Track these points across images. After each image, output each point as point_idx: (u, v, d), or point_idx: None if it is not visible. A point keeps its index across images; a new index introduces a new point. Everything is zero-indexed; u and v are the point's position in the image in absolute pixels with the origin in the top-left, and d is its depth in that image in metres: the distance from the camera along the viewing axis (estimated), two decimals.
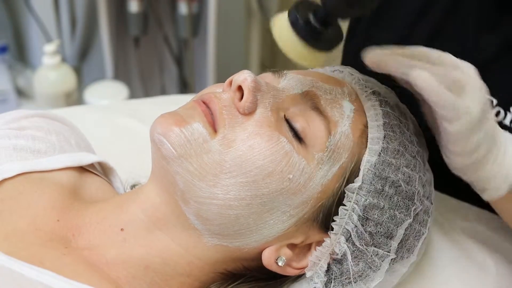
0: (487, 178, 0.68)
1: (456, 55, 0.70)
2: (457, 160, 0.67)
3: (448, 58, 0.66)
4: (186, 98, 1.21)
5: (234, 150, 0.64)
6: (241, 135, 0.65)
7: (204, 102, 0.67)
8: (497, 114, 0.81)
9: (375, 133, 0.69)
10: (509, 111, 0.80)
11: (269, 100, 0.67)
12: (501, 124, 0.80)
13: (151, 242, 0.68)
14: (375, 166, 0.67)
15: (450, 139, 0.66)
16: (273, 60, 2.39)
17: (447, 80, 0.63)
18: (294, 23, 0.63)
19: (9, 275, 0.61)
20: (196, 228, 0.67)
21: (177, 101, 1.16)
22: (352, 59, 0.98)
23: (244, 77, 0.66)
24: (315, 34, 0.62)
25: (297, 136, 0.66)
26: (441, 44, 0.85)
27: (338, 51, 0.70)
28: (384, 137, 0.68)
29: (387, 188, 0.68)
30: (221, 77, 1.94)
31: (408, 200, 0.69)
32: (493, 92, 0.80)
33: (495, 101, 0.81)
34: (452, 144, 0.66)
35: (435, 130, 0.70)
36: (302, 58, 0.64)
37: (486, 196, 0.71)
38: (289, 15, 0.64)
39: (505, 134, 0.70)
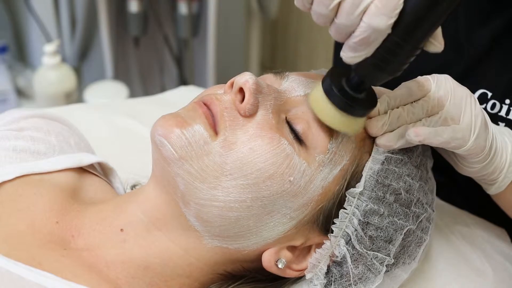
0: (497, 172, 0.71)
1: (449, 50, 0.71)
2: (474, 166, 0.70)
3: (428, 86, 0.69)
4: (185, 94, 1.22)
5: (235, 152, 0.64)
6: (242, 137, 0.65)
7: (205, 104, 0.67)
8: (493, 106, 0.81)
9: None
10: (504, 103, 0.81)
11: (270, 102, 0.67)
12: (498, 116, 0.81)
13: (151, 243, 0.68)
14: (377, 173, 0.67)
15: (467, 156, 0.69)
16: (273, 60, 2.39)
17: (440, 121, 0.67)
18: (328, 92, 0.64)
19: (8, 277, 0.61)
20: (196, 229, 0.67)
21: (176, 99, 1.16)
22: (343, 62, 0.98)
23: (245, 79, 0.65)
24: (350, 100, 0.63)
25: (298, 138, 0.66)
26: None
27: None
28: None
29: (388, 196, 0.68)
30: (221, 77, 1.94)
31: (406, 208, 0.69)
32: (487, 85, 0.80)
33: (490, 94, 0.81)
34: (470, 158, 0.69)
35: (444, 153, 0.74)
36: (340, 126, 0.65)
37: (494, 189, 0.73)
38: (323, 84, 0.64)
39: (494, 127, 0.73)
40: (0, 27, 1.97)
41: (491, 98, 0.81)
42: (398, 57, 0.59)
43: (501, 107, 0.81)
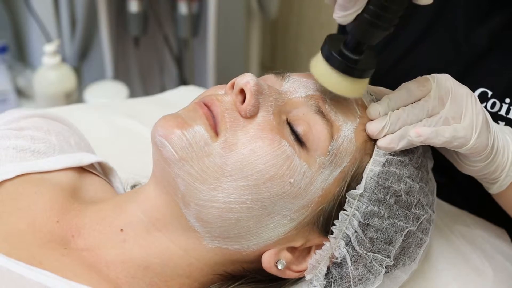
0: (499, 170, 0.71)
1: (449, 50, 0.71)
2: (477, 164, 0.70)
3: (428, 86, 0.69)
4: (185, 94, 1.22)
5: (236, 153, 0.64)
6: (242, 138, 0.64)
7: (206, 105, 0.67)
8: (493, 105, 0.81)
9: None
10: (505, 102, 0.81)
11: (271, 103, 0.67)
12: (498, 115, 0.81)
13: (151, 243, 0.68)
14: (378, 175, 0.67)
15: (469, 155, 0.69)
16: (273, 60, 2.39)
17: (440, 121, 0.68)
18: (328, 58, 0.65)
19: (8, 276, 0.61)
20: (196, 230, 0.67)
21: (176, 99, 1.16)
22: None
23: (246, 80, 0.65)
24: (350, 62, 0.65)
25: (299, 140, 0.66)
26: (432, 40, 0.85)
27: None
28: None
29: (388, 197, 0.67)
30: (221, 77, 1.94)
31: (406, 210, 0.69)
32: (487, 84, 0.81)
33: (490, 93, 0.81)
34: (472, 157, 0.70)
35: (446, 152, 0.74)
36: (345, 90, 0.66)
37: (496, 188, 0.73)
38: (322, 52, 0.66)
39: (496, 125, 0.73)
40: (0, 27, 1.97)
41: (491, 97, 0.81)
42: (389, 11, 0.61)
43: (501, 106, 0.81)
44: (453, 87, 0.69)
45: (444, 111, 0.68)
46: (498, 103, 0.81)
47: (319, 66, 0.66)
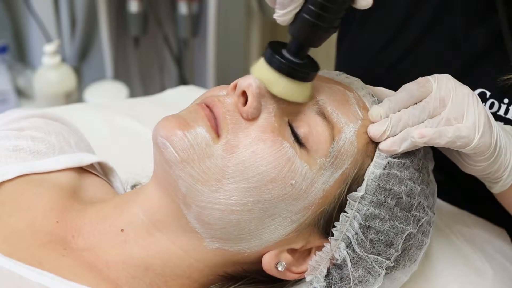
0: (502, 169, 0.71)
1: (447, 51, 0.71)
2: (480, 164, 0.70)
3: (429, 87, 0.69)
4: (185, 93, 1.22)
5: (237, 155, 0.64)
6: (244, 140, 0.64)
7: (207, 106, 0.67)
8: (492, 105, 0.81)
9: None
10: (503, 102, 0.81)
11: (273, 106, 0.66)
12: (496, 115, 0.81)
13: (151, 244, 0.68)
14: (379, 178, 0.67)
15: (472, 155, 0.69)
16: None
17: (442, 122, 0.67)
18: (270, 60, 0.64)
19: (8, 276, 0.61)
20: (197, 231, 0.67)
21: (176, 99, 1.16)
22: (344, 61, 0.98)
23: (248, 83, 0.65)
24: (292, 64, 0.64)
25: (299, 141, 0.66)
26: (431, 42, 0.85)
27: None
28: None
29: (389, 200, 0.67)
30: (221, 77, 1.94)
31: (406, 212, 0.69)
32: (486, 84, 0.81)
33: (488, 93, 0.81)
34: (475, 157, 0.69)
35: (449, 153, 0.74)
36: (288, 92, 0.65)
37: (498, 187, 0.73)
38: (264, 56, 0.65)
39: (498, 124, 0.72)
40: (0, 27, 1.97)
41: (490, 97, 0.81)
42: (329, 10, 0.60)
43: (499, 107, 0.81)
44: (454, 87, 0.69)
45: (445, 111, 0.68)
46: (496, 103, 0.81)
47: (262, 69, 0.65)
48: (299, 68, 0.64)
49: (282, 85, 0.64)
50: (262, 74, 0.65)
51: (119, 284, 0.67)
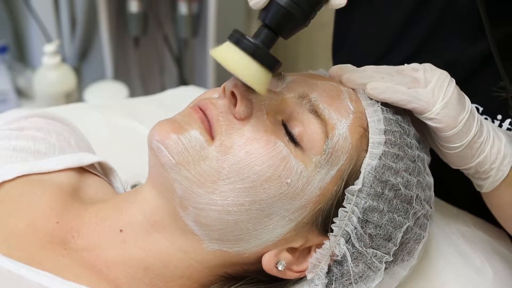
0: (489, 163, 0.71)
1: (441, 66, 0.72)
2: (454, 145, 0.70)
3: (407, 66, 0.71)
4: (185, 93, 1.22)
5: (232, 156, 0.64)
6: (238, 141, 0.65)
7: (200, 109, 0.67)
8: None
9: (377, 138, 0.68)
10: (496, 118, 0.81)
11: (265, 103, 0.67)
12: None
13: (150, 245, 0.68)
14: (375, 169, 0.67)
15: (440, 131, 0.69)
16: None
17: (406, 81, 0.69)
18: (238, 41, 0.62)
19: (8, 276, 0.61)
20: (195, 233, 0.67)
21: (176, 99, 1.16)
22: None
23: (234, 83, 0.65)
24: (260, 48, 0.61)
25: (293, 140, 0.66)
26: (426, 58, 0.86)
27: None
28: (385, 142, 0.68)
29: (386, 191, 0.67)
30: (221, 77, 1.94)
31: (407, 204, 0.69)
32: (479, 100, 0.81)
33: (481, 109, 0.81)
34: (445, 137, 0.69)
35: (430, 141, 0.74)
36: (251, 76, 0.62)
37: (489, 185, 0.73)
38: (230, 39, 0.62)
39: (488, 122, 0.73)
40: (0, 27, 1.97)
41: (482, 113, 0.82)
42: (302, 1, 0.60)
43: (493, 123, 0.81)
44: (434, 69, 0.71)
45: (416, 74, 0.70)
46: (489, 119, 0.81)
47: (226, 50, 0.62)
48: (266, 52, 0.62)
49: (249, 67, 0.61)
50: (226, 55, 0.62)
51: (119, 285, 0.67)
